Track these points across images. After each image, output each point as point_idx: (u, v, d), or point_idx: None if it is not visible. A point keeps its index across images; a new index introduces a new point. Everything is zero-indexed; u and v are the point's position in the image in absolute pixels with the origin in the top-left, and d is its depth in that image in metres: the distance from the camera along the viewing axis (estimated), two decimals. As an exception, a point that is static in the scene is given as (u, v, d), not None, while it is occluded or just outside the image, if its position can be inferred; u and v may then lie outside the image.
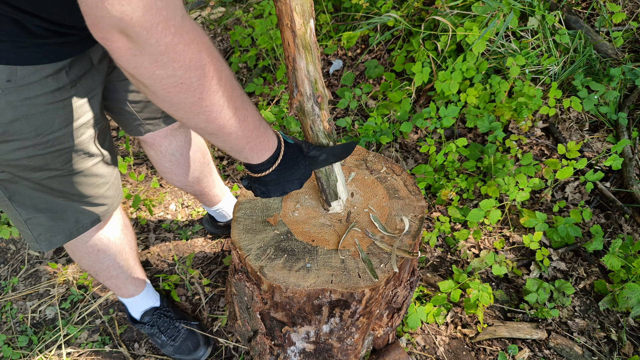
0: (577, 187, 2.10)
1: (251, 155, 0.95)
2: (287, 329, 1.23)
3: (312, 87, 1.01)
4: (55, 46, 0.92)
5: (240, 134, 0.87)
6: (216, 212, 1.97)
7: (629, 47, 2.36)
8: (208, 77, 0.73)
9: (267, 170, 1.00)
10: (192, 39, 0.67)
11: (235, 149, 0.91)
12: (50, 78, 0.95)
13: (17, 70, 0.89)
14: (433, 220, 2.07)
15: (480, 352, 1.68)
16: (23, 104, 0.93)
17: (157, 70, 0.66)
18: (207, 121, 0.79)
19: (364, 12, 2.68)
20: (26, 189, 1.10)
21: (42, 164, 1.05)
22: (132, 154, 2.54)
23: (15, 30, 0.84)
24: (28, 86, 0.92)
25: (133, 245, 1.55)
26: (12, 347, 1.82)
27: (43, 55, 0.91)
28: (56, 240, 1.23)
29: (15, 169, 1.04)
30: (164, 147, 1.52)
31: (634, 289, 1.65)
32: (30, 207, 1.14)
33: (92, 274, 1.49)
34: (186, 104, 0.74)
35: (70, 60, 0.98)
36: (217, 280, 1.97)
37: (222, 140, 0.87)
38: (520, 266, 1.93)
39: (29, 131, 0.98)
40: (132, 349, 1.79)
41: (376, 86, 2.59)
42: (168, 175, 1.63)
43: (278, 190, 1.06)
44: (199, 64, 0.69)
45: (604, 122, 2.22)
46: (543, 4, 2.28)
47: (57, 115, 1.00)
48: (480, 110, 2.15)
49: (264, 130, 0.94)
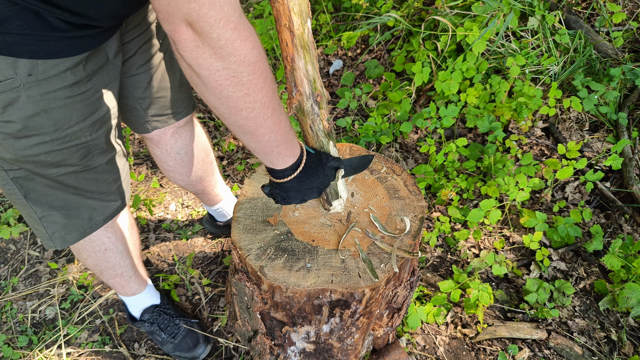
0: (577, 187, 2.10)
1: (277, 160, 0.99)
2: (287, 329, 1.23)
3: (311, 87, 1.01)
4: (75, 39, 0.93)
5: (273, 136, 0.91)
6: (216, 212, 1.97)
7: (629, 47, 2.36)
8: (257, 74, 0.78)
9: (290, 177, 1.03)
10: (247, 36, 0.74)
11: (265, 150, 0.95)
12: (69, 72, 0.96)
13: (38, 64, 0.90)
14: (433, 220, 2.07)
15: (480, 352, 1.68)
16: (43, 98, 0.95)
17: (214, 62, 0.73)
18: (247, 119, 0.84)
19: (364, 12, 2.68)
20: (42, 186, 1.11)
21: (60, 159, 1.06)
22: (132, 154, 2.54)
23: (37, 24, 0.85)
24: (48, 80, 0.93)
25: (138, 244, 1.57)
26: (12, 347, 1.82)
27: (63, 49, 0.92)
28: (70, 238, 1.24)
29: (33, 165, 1.05)
30: (170, 145, 1.53)
31: (634, 289, 1.65)
32: (45, 205, 1.15)
33: (96, 272, 1.50)
34: (232, 98, 0.79)
35: (87, 54, 0.99)
36: (217, 280, 1.97)
37: (255, 140, 0.91)
38: (520, 266, 1.93)
39: (48, 126, 0.99)
40: (132, 349, 1.79)
41: (376, 86, 2.59)
42: (172, 174, 1.64)
43: (298, 197, 1.09)
44: (251, 60, 0.76)
45: (604, 122, 2.22)
46: (543, 4, 2.28)
47: (75, 109, 1.02)
48: (480, 110, 2.15)
49: (292, 137, 0.98)
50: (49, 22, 0.86)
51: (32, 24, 0.85)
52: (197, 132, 1.61)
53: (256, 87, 0.80)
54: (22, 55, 0.87)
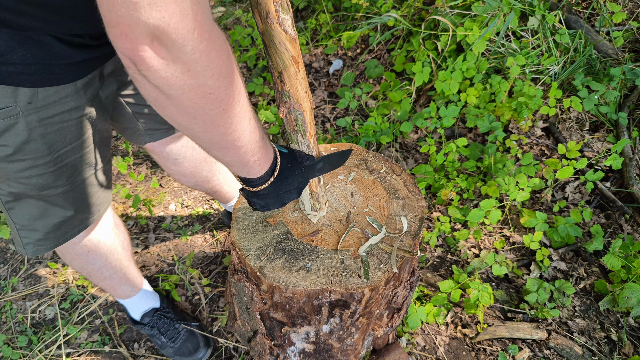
0: (577, 187, 2.10)
1: (253, 169, 0.91)
2: (286, 329, 1.23)
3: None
4: (76, 65, 0.92)
5: (250, 146, 0.83)
6: (231, 208, 1.98)
7: (629, 47, 2.35)
8: (233, 85, 0.69)
9: (265, 184, 0.96)
10: (221, 45, 0.63)
11: (241, 162, 0.87)
12: (69, 97, 0.95)
13: (39, 91, 0.89)
14: (433, 220, 2.07)
15: (480, 352, 1.68)
16: (41, 124, 0.93)
17: (188, 80, 0.62)
18: (224, 134, 0.75)
19: (364, 12, 2.68)
20: (27, 205, 1.10)
21: (51, 181, 1.05)
22: (132, 154, 2.54)
23: (41, 53, 0.84)
24: (47, 106, 0.92)
25: (126, 245, 1.54)
26: (11, 347, 1.82)
27: (65, 75, 0.91)
28: (42, 248, 1.22)
29: (23, 186, 1.04)
30: (166, 153, 1.53)
31: (634, 289, 1.65)
32: (25, 218, 1.14)
33: (85, 275, 1.48)
34: (209, 116, 0.70)
35: (88, 79, 0.98)
36: (217, 281, 1.97)
37: (232, 154, 0.82)
38: (521, 266, 1.93)
39: (43, 150, 0.98)
40: (132, 349, 1.79)
41: (376, 86, 2.58)
42: (177, 176, 1.65)
43: (277, 202, 1.03)
44: (227, 71, 0.66)
45: (604, 122, 2.22)
46: (543, 4, 2.28)
47: (70, 131, 1.01)
48: (481, 110, 2.15)
49: (266, 141, 0.91)
50: (52, 50, 0.85)
51: (35, 53, 0.84)
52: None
53: (234, 100, 0.71)
54: (24, 84, 0.86)
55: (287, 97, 0.97)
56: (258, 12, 0.85)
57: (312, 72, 2.83)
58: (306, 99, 0.98)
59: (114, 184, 2.41)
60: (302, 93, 0.96)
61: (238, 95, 0.72)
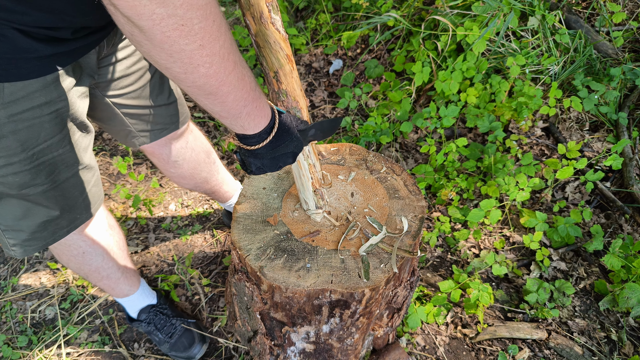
0: (577, 187, 2.10)
1: (248, 123, 0.89)
2: (287, 329, 1.23)
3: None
4: (44, 59, 0.89)
5: (239, 94, 0.81)
6: (230, 207, 1.98)
7: (629, 47, 2.35)
8: (209, 20, 0.67)
9: (264, 141, 0.94)
10: None
11: (233, 113, 0.84)
12: (39, 92, 0.92)
13: (5, 87, 0.87)
14: (433, 220, 2.07)
15: (481, 352, 1.68)
16: (10, 120, 0.91)
17: (157, 9, 0.61)
18: (206, 76, 0.73)
19: (364, 11, 2.68)
20: (8, 205, 1.09)
21: (28, 179, 1.03)
22: (132, 154, 2.54)
23: (4, 47, 0.82)
24: (16, 102, 0.90)
25: (121, 245, 1.53)
26: (11, 347, 1.82)
27: (32, 70, 0.89)
28: (30, 249, 1.21)
29: (1, 185, 1.02)
30: (165, 155, 1.53)
31: (634, 289, 1.65)
32: (9, 219, 1.13)
33: (83, 276, 1.48)
34: (185, 52, 0.68)
35: (59, 74, 0.96)
36: (216, 280, 1.97)
37: (220, 101, 0.80)
38: (521, 266, 1.93)
39: (15, 147, 0.96)
40: (132, 349, 1.79)
41: (376, 86, 2.58)
42: (176, 179, 1.64)
43: (273, 165, 1.01)
44: (201, 3, 0.64)
45: (604, 122, 2.22)
46: (543, 4, 2.28)
47: (43, 128, 0.98)
48: (481, 110, 2.15)
49: (259, 94, 0.88)
50: (16, 43, 0.83)
51: None
52: (193, 135, 1.59)
53: (211, 37, 0.68)
54: None
55: (285, 96, 0.97)
56: (251, 13, 0.85)
57: (312, 72, 2.83)
58: (302, 97, 0.99)
59: (114, 184, 2.41)
60: (298, 90, 0.97)
61: (217, 33, 0.69)
